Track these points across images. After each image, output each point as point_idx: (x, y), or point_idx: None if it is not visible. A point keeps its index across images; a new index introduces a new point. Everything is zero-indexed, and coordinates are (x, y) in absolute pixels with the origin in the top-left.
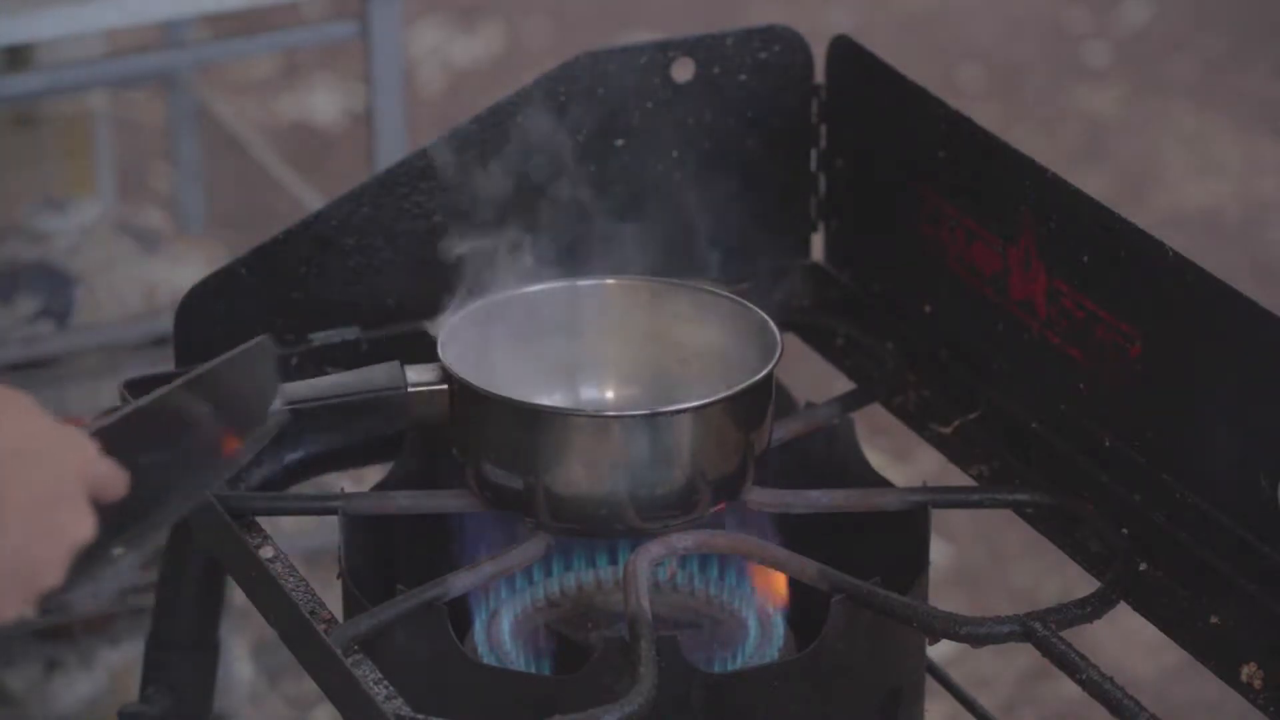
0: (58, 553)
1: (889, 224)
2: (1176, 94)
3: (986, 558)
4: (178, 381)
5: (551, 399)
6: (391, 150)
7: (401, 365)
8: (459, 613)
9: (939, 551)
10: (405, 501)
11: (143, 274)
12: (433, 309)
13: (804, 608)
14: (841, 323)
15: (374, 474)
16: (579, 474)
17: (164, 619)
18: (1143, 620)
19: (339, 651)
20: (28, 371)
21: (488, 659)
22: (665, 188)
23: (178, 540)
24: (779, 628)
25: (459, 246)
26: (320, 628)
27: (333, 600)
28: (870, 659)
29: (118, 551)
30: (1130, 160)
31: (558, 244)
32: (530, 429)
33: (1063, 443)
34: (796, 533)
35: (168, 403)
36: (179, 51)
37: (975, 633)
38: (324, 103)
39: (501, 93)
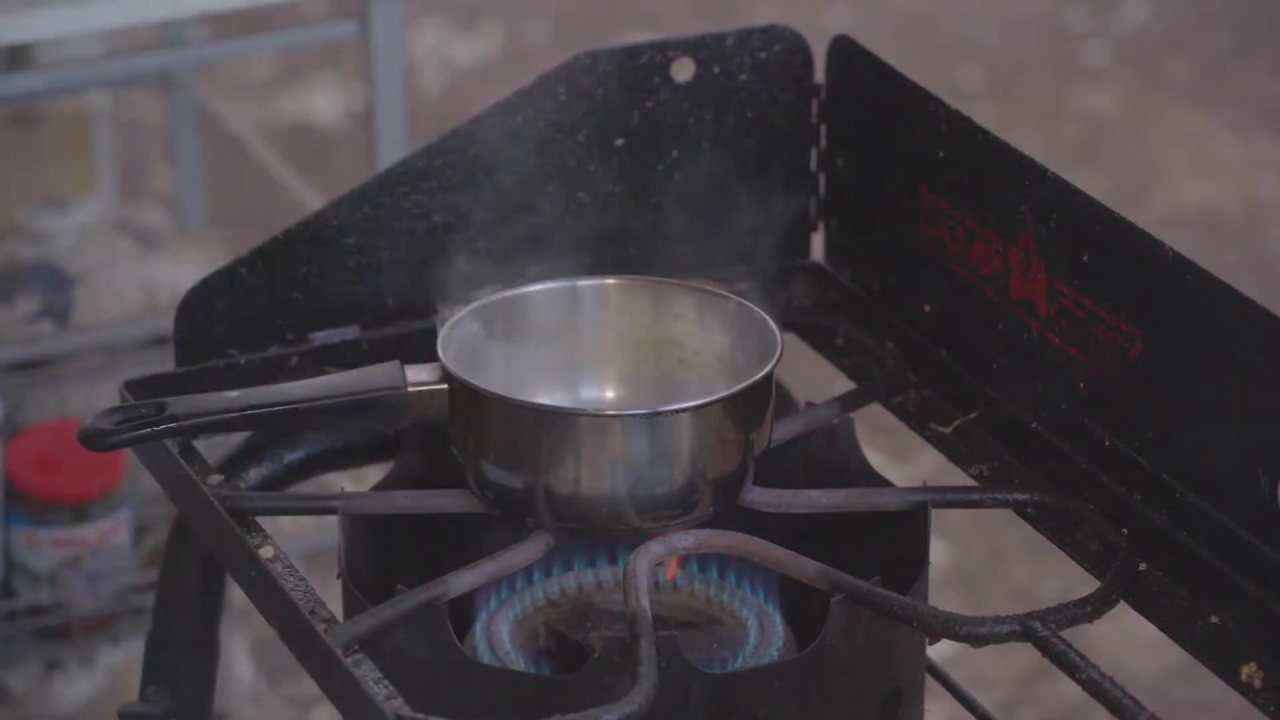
0: None
1: (889, 224)
2: (1176, 94)
3: (986, 558)
4: None
5: (551, 399)
6: (391, 150)
7: (401, 365)
8: (459, 613)
9: (939, 551)
10: (405, 501)
11: (143, 274)
12: (433, 309)
13: (804, 608)
14: (841, 323)
15: (374, 474)
16: (579, 474)
17: (164, 619)
18: (1143, 620)
19: (339, 651)
20: (28, 371)
21: (488, 659)
22: (665, 188)
23: (178, 540)
24: (779, 628)
25: (459, 246)
26: (320, 628)
27: (333, 600)
28: (870, 659)
29: None
30: (1130, 160)
31: (557, 244)
32: (530, 429)
33: (1063, 443)
34: (796, 533)
35: None
36: (179, 51)
37: (975, 633)
38: (324, 103)
39: (501, 93)
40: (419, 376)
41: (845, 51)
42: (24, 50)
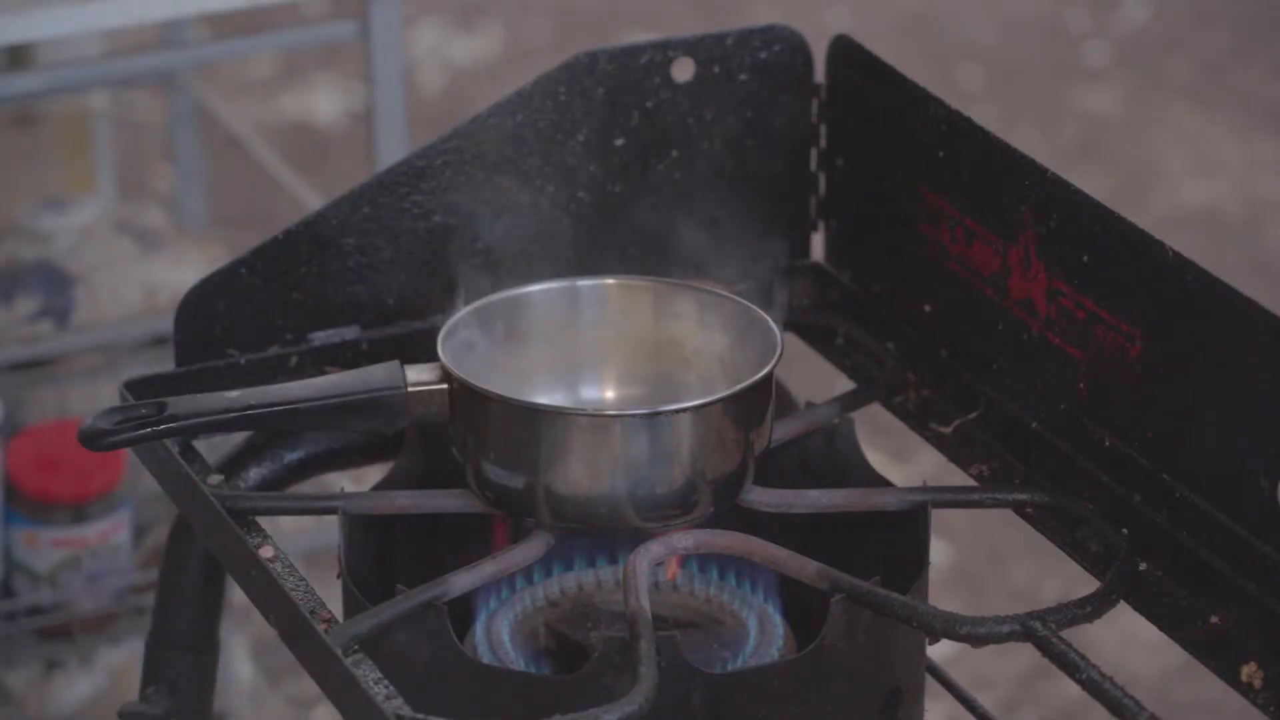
0: None
1: (889, 224)
2: (1176, 94)
3: (986, 558)
4: None
5: (551, 399)
6: (391, 150)
7: (401, 365)
8: (459, 613)
9: (939, 551)
10: (405, 501)
11: (143, 274)
12: (433, 309)
13: (804, 608)
14: (841, 323)
15: (374, 474)
16: (579, 474)
17: (164, 619)
18: (1143, 620)
19: (339, 651)
20: (28, 371)
21: (488, 659)
22: (665, 188)
23: (178, 540)
24: (779, 628)
25: (458, 246)
26: (320, 628)
27: (333, 600)
28: (870, 659)
29: None
30: (1130, 160)
31: (557, 244)
32: (530, 429)
33: (1063, 443)
34: (796, 533)
35: None
36: (179, 51)
37: (975, 633)
38: (324, 103)
39: (501, 92)
40: (419, 376)
41: (845, 51)
42: (24, 50)
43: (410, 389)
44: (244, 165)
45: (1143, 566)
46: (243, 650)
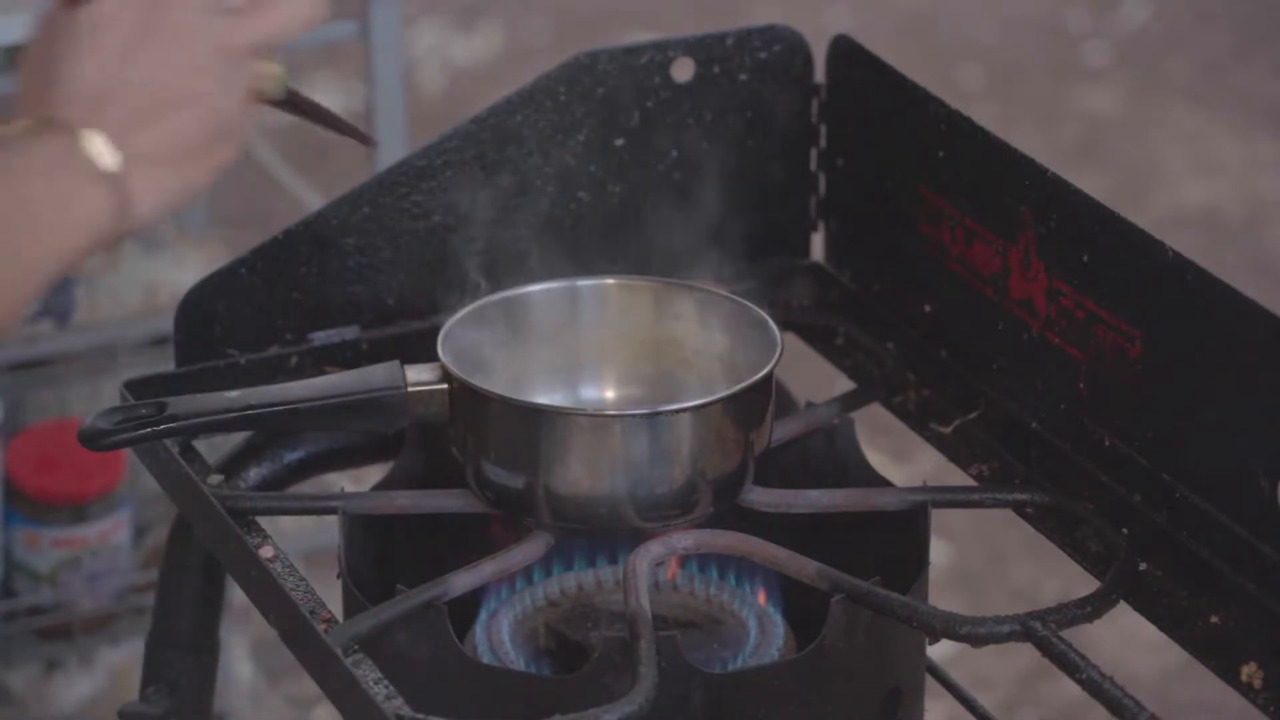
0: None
1: (889, 224)
2: (1176, 94)
3: (986, 558)
4: None
5: (551, 399)
6: (391, 150)
7: (401, 365)
8: (459, 613)
9: (939, 551)
10: (405, 501)
11: (143, 274)
12: (433, 309)
13: (804, 608)
14: (841, 323)
15: (374, 474)
16: (579, 474)
17: (164, 619)
18: (1143, 620)
19: (339, 651)
20: (28, 371)
21: (488, 659)
22: (665, 188)
23: (178, 540)
24: (779, 628)
25: (459, 246)
26: (320, 628)
27: (333, 600)
28: (870, 659)
29: None
30: (1130, 160)
31: (558, 244)
32: (530, 429)
33: (1063, 443)
34: (796, 533)
35: None
36: None
37: (975, 633)
38: (324, 103)
39: (501, 92)
40: (419, 376)
41: (845, 51)
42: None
43: (410, 389)
44: (244, 165)
45: (1143, 566)
46: (243, 650)
